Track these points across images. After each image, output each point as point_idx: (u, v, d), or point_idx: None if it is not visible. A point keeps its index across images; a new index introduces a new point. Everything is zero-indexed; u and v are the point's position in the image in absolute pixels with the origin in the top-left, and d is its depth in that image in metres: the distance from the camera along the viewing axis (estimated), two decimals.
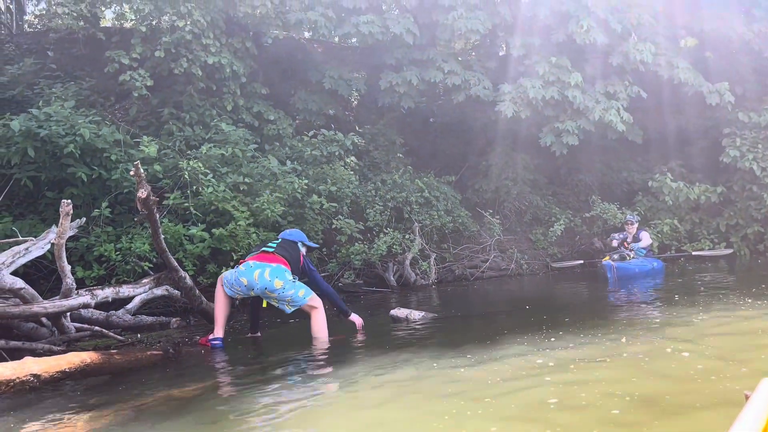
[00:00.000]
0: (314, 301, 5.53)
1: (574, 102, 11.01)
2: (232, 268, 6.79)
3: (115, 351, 3.90)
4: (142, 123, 10.33)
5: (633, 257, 10.05)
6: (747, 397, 1.82)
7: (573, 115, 11.26)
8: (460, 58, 11.98)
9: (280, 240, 5.94)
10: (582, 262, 10.78)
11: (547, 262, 11.68)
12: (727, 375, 3.06)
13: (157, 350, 4.39)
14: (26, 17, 14.02)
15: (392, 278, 9.92)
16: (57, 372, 3.29)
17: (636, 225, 10.63)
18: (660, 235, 11.87)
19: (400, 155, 12.17)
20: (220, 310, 5.57)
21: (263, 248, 5.75)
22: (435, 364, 3.87)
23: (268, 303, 5.60)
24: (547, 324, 5.18)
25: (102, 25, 11.45)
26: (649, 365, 3.41)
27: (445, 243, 11.20)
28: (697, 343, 3.79)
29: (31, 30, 13.28)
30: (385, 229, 10.25)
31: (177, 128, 9.98)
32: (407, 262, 10.00)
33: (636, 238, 10.40)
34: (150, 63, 9.78)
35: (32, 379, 3.13)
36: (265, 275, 5.35)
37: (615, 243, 10.39)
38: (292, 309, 5.51)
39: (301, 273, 5.83)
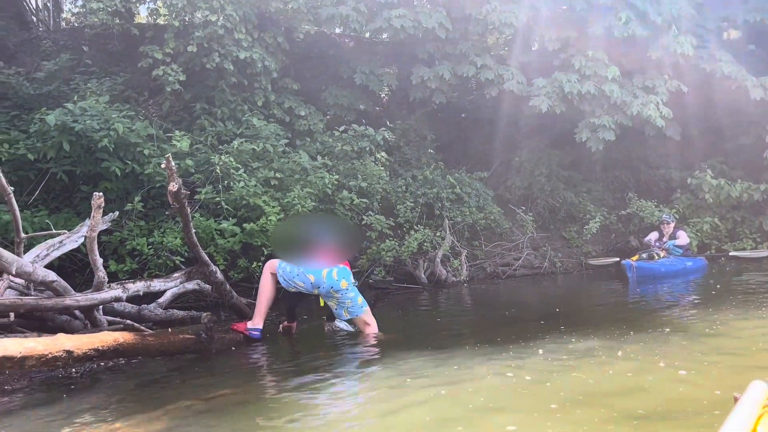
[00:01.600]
0: (369, 316, 5.48)
1: (611, 96, 10.73)
2: (263, 263, 6.74)
3: (148, 333, 3.86)
4: (174, 118, 10.39)
5: (664, 256, 9.78)
6: (736, 399, 1.80)
7: (610, 110, 10.97)
8: (493, 53, 11.78)
9: None
10: (618, 260, 10.51)
11: (581, 260, 11.42)
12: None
13: (190, 335, 4.35)
14: (63, 14, 14.25)
15: (423, 276, 9.79)
16: (90, 349, 3.26)
17: (672, 224, 10.34)
18: (699, 234, 11.52)
19: (431, 151, 12.03)
20: (265, 298, 5.42)
21: None
22: (469, 362, 3.76)
23: (325, 303, 5.54)
24: (574, 325, 5.01)
25: (136, 21, 11.54)
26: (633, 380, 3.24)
27: (477, 240, 11.03)
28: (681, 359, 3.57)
29: (68, 27, 13.49)
30: (416, 226, 10.14)
31: (209, 123, 10.02)
32: (438, 260, 9.86)
33: (673, 238, 10.12)
34: (183, 58, 9.82)
35: (64, 355, 3.10)
36: (333, 275, 5.29)
37: (650, 242, 10.13)
38: (348, 317, 5.42)
39: None
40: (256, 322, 5.35)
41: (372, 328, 5.41)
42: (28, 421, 2.91)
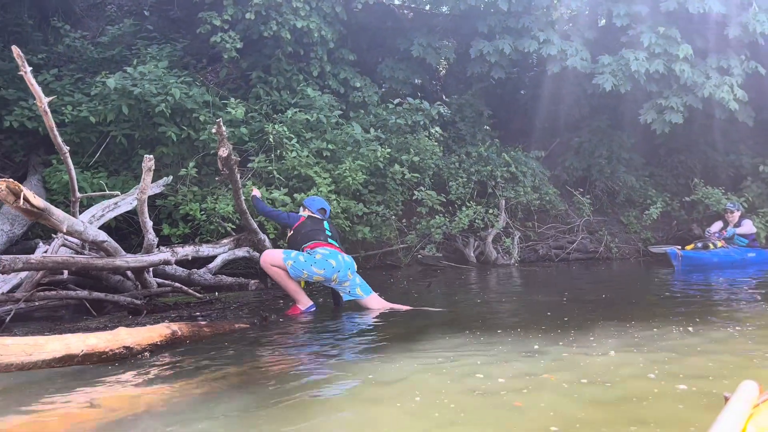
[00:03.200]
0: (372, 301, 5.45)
1: (681, 77, 10.17)
2: None
3: (204, 323, 3.85)
4: (231, 86, 10.46)
5: (721, 246, 9.29)
6: (726, 399, 1.81)
7: (679, 91, 10.41)
8: (556, 27, 11.31)
9: (327, 226, 5.62)
10: (679, 248, 10.07)
11: (639, 246, 11.00)
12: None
13: (245, 323, 4.34)
14: None
15: (472, 254, 9.62)
16: (148, 344, 3.27)
17: (737, 213, 9.78)
18: None
19: (487, 127, 11.74)
20: (293, 283, 5.25)
21: (329, 239, 5.47)
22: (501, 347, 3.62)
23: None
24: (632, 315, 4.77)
25: None
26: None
27: (530, 221, 10.75)
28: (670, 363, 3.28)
29: None
30: (468, 203, 9.94)
31: (264, 92, 10.03)
32: (490, 239, 9.66)
33: (737, 227, 9.60)
34: (241, 26, 9.82)
35: (124, 351, 3.12)
36: (347, 258, 5.31)
37: (710, 231, 9.65)
38: (355, 297, 5.30)
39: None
40: (304, 302, 5.24)
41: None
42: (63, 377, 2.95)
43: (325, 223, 5.58)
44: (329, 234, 5.49)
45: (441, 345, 3.73)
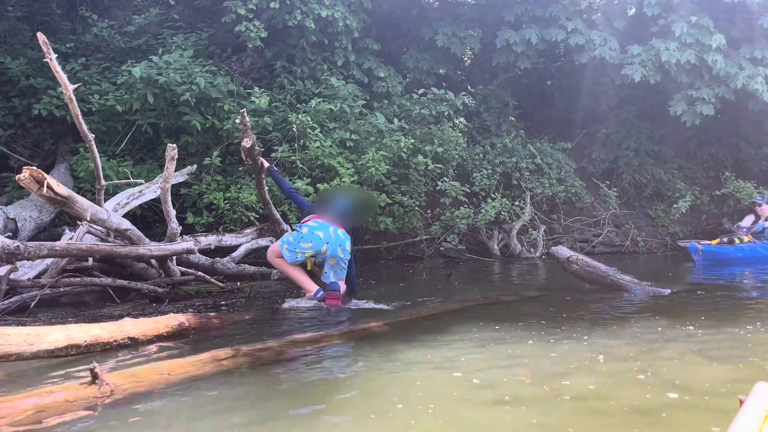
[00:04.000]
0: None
1: (713, 67, 9.91)
2: None
3: (213, 314, 3.85)
4: (255, 75, 10.46)
5: (748, 241, 9.06)
6: (741, 402, 1.79)
7: (710, 82, 10.15)
8: (584, 16, 11.10)
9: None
10: (708, 243, 9.85)
11: (666, 240, 10.78)
12: None
13: (253, 313, 4.33)
14: None
15: (496, 247, 9.53)
16: (154, 335, 3.28)
17: (766, 207, 9.52)
18: None
19: (512, 118, 11.59)
20: (294, 270, 5.17)
21: (325, 213, 5.28)
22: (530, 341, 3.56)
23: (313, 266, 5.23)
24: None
25: None
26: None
27: (555, 214, 10.61)
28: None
29: None
30: (492, 194, 9.83)
31: (288, 82, 10.01)
32: (514, 232, 9.55)
33: None
34: (265, 15, 9.80)
35: (129, 342, 3.14)
36: (340, 233, 5.10)
37: (739, 226, 9.42)
38: (334, 279, 5.09)
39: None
40: (310, 288, 5.11)
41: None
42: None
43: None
44: (330, 210, 5.29)
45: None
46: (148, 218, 8.20)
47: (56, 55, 4.38)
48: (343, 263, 5.11)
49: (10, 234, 5.89)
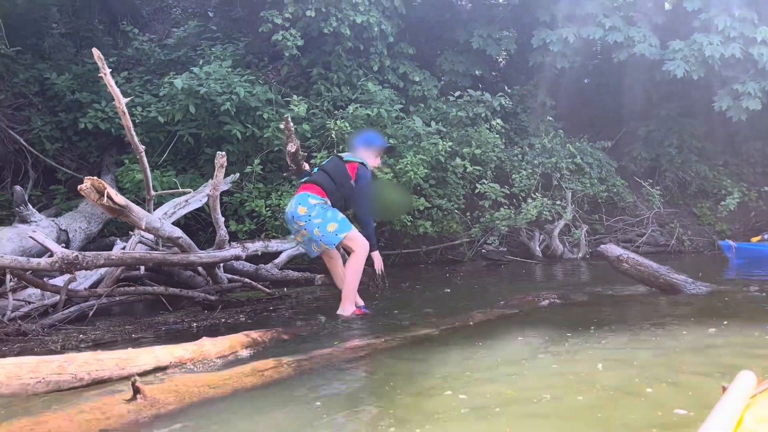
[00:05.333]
0: (354, 241, 4.57)
1: (759, 61, 9.64)
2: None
3: (281, 329, 3.86)
4: (292, 83, 10.56)
5: None
6: (724, 389, 1.81)
7: (756, 76, 9.88)
8: (622, 13, 10.91)
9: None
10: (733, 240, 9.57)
11: (713, 239, 10.51)
12: None
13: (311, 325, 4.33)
14: None
15: (538, 248, 9.41)
16: (231, 353, 3.30)
17: None
18: None
19: (550, 118, 11.45)
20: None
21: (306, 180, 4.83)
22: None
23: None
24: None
25: None
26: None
27: (597, 213, 10.44)
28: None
29: None
30: (533, 195, 9.72)
31: (325, 88, 10.08)
32: (556, 232, 9.42)
33: None
34: (301, 23, 9.89)
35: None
36: (291, 204, 4.64)
37: None
38: (317, 252, 4.63)
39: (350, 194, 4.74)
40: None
41: (359, 250, 4.57)
42: None
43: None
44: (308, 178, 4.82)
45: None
46: (192, 227, 8.32)
47: (107, 71, 4.47)
48: (313, 227, 4.49)
49: (64, 245, 6.04)
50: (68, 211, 8.37)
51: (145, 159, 5.15)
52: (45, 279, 4.58)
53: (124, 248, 5.38)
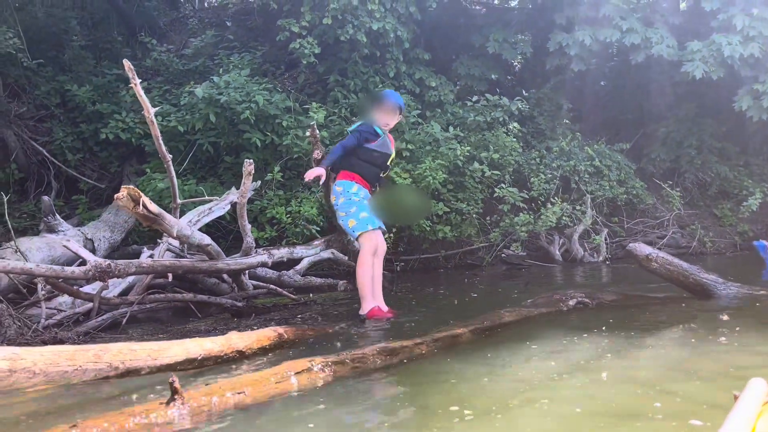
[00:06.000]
0: (363, 241, 4.85)
1: None
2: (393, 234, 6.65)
3: (307, 327, 3.93)
4: (309, 90, 10.60)
5: None
6: (736, 397, 1.79)
7: None
8: (639, 14, 10.87)
9: None
10: None
11: (735, 240, 10.41)
12: None
13: (346, 323, 4.37)
14: None
15: (558, 252, 9.37)
16: (258, 348, 3.38)
17: None
18: None
19: (567, 121, 11.42)
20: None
21: None
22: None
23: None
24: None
25: None
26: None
27: (617, 216, 10.38)
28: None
29: (214, 4, 14.13)
30: (552, 199, 9.68)
31: (342, 95, 10.12)
32: (576, 236, 9.38)
33: None
34: (317, 31, 9.94)
35: (237, 354, 3.22)
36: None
37: None
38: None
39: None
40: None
41: (362, 249, 4.84)
42: None
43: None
44: None
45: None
46: (212, 234, 8.33)
47: (137, 82, 4.52)
48: (340, 211, 4.94)
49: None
50: (90, 220, 8.47)
51: (172, 168, 5.21)
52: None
53: (151, 256, 5.42)
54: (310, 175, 4.78)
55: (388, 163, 5.24)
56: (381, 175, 5.17)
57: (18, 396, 2.67)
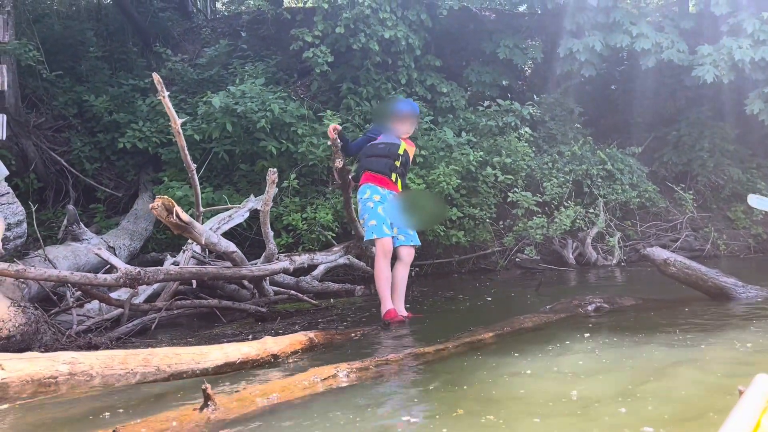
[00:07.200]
0: (376, 247, 4.98)
1: None
2: None
3: (335, 331, 4.02)
4: (322, 98, 10.72)
5: None
6: (741, 393, 1.80)
7: None
8: (649, 19, 10.93)
9: None
10: None
11: (749, 242, 10.42)
12: None
13: (371, 328, 4.45)
14: (218, 3, 15.12)
15: (571, 256, 9.41)
16: (291, 351, 3.48)
17: None
18: None
19: (578, 125, 11.46)
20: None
21: None
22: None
23: None
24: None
25: (285, 6, 12.02)
26: None
27: (629, 219, 10.41)
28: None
29: (227, 14, 14.30)
30: (565, 203, 9.73)
31: (354, 103, 10.22)
32: (589, 240, 9.42)
33: None
34: (330, 39, 10.06)
35: (271, 358, 3.31)
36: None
37: None
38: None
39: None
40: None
41: (377, 255, 4.95)
42: None
43: None
44: None
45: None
46: (229, 241, 8.46)
47: (166, 94, 4.62)
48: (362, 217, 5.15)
49: None
50: (107, 228, 8.60)
51: (196, 177, 5.30)
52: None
53: (175, 263, 5.52)
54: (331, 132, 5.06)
55: (399, 152, 5.28)
56: (395, 163, 5.24)
57: (53, 400, 2.74)
